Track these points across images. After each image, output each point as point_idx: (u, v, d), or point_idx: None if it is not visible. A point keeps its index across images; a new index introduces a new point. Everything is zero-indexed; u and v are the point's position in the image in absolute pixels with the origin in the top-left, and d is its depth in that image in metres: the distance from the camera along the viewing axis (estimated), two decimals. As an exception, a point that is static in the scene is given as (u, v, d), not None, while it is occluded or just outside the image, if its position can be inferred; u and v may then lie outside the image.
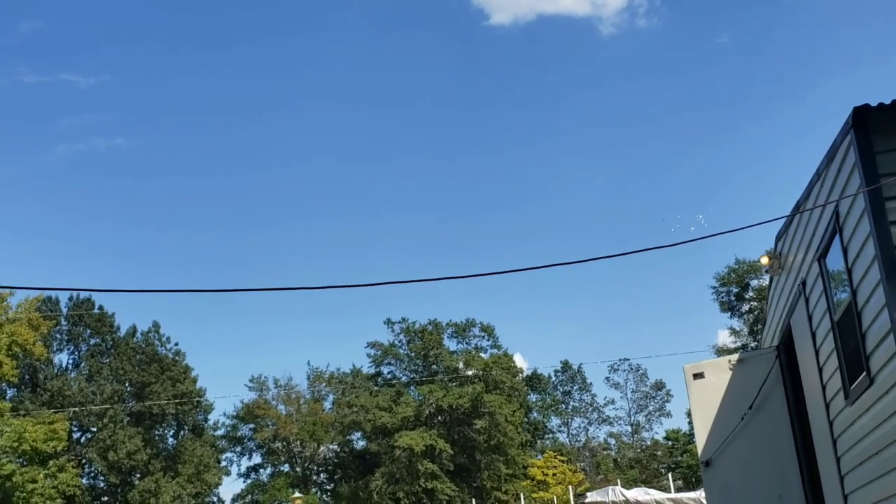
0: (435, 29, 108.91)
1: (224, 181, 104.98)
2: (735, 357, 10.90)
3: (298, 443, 70.01)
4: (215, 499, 67.06)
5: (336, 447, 71.25)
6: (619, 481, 50.93)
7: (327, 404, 72.04)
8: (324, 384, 73.31)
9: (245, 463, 70.65)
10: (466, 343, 71.12)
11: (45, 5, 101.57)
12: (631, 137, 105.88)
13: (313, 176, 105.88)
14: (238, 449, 70.86)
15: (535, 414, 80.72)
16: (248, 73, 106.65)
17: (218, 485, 65.83)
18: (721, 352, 61.82)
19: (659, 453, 78.84)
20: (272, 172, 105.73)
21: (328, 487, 71.50)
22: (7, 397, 54.89)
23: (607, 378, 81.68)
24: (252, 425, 70.11)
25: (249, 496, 68.70)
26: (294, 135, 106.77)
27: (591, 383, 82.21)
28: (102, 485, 63.47)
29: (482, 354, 69.98)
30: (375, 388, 68.61)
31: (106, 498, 64.05)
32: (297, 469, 70.78)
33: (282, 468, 70.79)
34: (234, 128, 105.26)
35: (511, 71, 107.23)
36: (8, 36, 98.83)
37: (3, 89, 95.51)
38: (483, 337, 71.27)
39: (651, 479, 68.71)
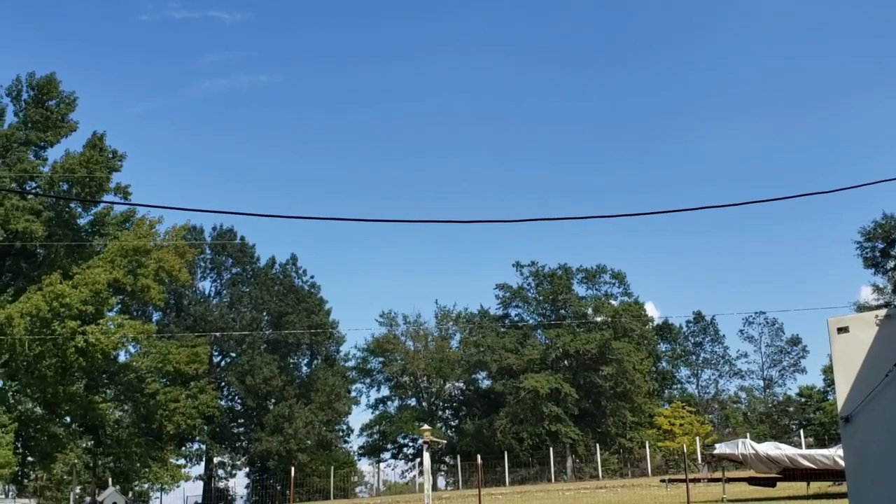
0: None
1: (360, 115, 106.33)
2: (883, 312, 10.47)
3: (425, 378, 71.28)
4: (345, 427, 69.22)
5: (461, 385, 72.26)
6: (748, 435, 50.02)
7: (454, 343, 72.98)
8: (451, 323, 74.17)
9: (374, 395, 72.52)
10: (596, 289, 70.64)
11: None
12: (788, 80, 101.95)
13: (446, 114, 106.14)
14: (367, 381, 72.67)
15: (664, 364, 79.68)
16: (384, 17, 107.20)
17: (348, 414, 67.90)
18: (862, 309, 59.33)
19: (791, 409, 76.88)
20: (406, 108, 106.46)
21: (453, 423, 72.71)
22: (154, 320, 57.72)
23: (741, 331, 79.66)
24: (381, 359, 71.68)
25: (377, 426, 70.52)
26: (427, 75, 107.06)
27: (723, 335, 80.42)
28: (239, 407, 66.37)
29: (612, 301, 69.40)
30: (502, 330, 69.01)
31: (242, 420, 66.94)
32: (424, 404, 72.19)
33: (408, 402, 72.29)
34: (371, 66, 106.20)
35: (656, 12, 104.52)
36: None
37: (154, 24, 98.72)
38: (613, 284, 70.60)
39: (781, 435, 67.12)
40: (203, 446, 63.60)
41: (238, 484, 69.56)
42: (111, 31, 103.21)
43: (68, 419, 45.63)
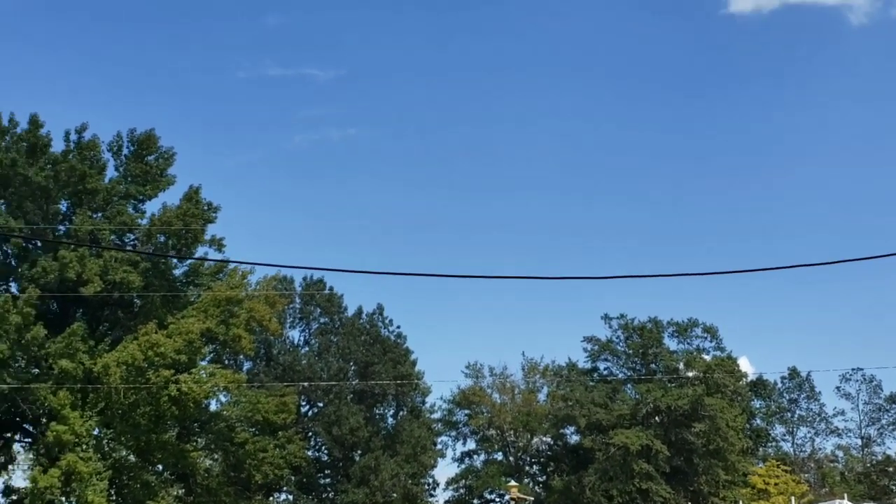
0: (672, 16, 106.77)
1: (446, 167, 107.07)
2: None
3: (512, 432, 70.45)
4: (430, 480, 68.66)
5: (549, 440, 71.15)
6: (845, 496, 48.09)
7: (541, 396, 72.06)
8: (538, 375, 73.33)
9: (459, 448, 71.88)
10: (687, 343, 69.08)
11: (288, 2, 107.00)
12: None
13: (532, 160, 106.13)
14: (453, 433, 72.08)
15: (758, 420, 77.42)
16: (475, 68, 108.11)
17: (433, 467, 67.37)
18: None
19: (890, 469, 73.83)
20: (490, 160, 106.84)
21: (540, 479, 71.54)
22: (244, 369, 58.45)
23: (837, 388, 77.09)
24: (467, 411, 71.14)
25: (463, 481, 69.79)
26: (514, 122, 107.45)
27: (819, 392, 77.88)
28: (326, 458, 66.45)
29: (704, 356, 67.78)
30: (591, 384, 67.90)
31: (329, 471, 66.99)
32: (510, 458, 71.27)
33: (495, 456, 71.47)
34: (458, 121, 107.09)
35: (751, 57, 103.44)
36: (255, 31, 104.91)
37: (250, 81, 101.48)
38: (705, 338, 68.97)
39: (880, 497, 64.49)
40: (290, 497, 63.79)
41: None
42: (209, 88, 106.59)
43: (160, 467, 46.25)
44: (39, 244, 44.72)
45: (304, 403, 64.30)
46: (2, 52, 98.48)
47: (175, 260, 46.57)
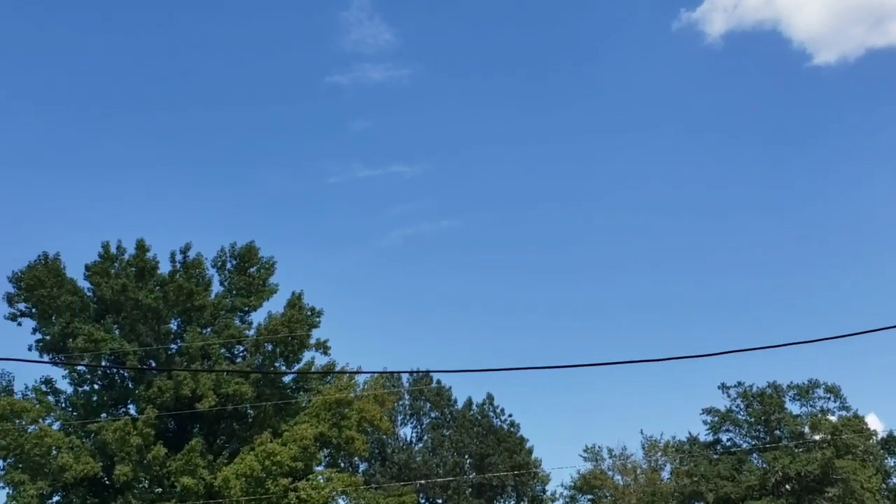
0: (756, 71, 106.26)
1: (540, 254, 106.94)
2: None
3: (638, 513, 68.28)
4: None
5: (677, 518, 68.68)
6: None
7: (665, 474, 69.81)
8: (659, 453, 71.23)
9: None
10: (810, 405, 66.35)
11: (373, 106, 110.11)
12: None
13: (622, 233, 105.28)
14: (577, 521, 70.16)
15: (895, 479, 73.50)
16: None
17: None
18: None
19: None
20: (588, 236, 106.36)
21: (672, 560, 68.87)
22: (360, 471, 58.36)
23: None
24: (590, 496, 69.34)
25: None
26: (601, 194, 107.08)
27: (958, 444, 73.62)
28: (449, 556, 65.32)
29: (830, 417, 64.99)
30: (715, 456, 65.62)
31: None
32: (639, 540, 68.94)
33: (623, 539, 69.21)
34: (551, 200, 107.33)
35: (838, 108, 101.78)
36: (342, 137, 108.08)
37: (341, 185, 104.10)
38: (828, 398, 66.17)
39: None
40: None
41: None
42: (303, 196, 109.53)
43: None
44: (154, 365, 45.99)
45: (422, 501, 63.65)
46: (103, 178, 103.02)
47: (284, 367, 47.27)
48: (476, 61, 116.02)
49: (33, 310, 45.12)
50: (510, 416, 67.44)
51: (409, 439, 68.09)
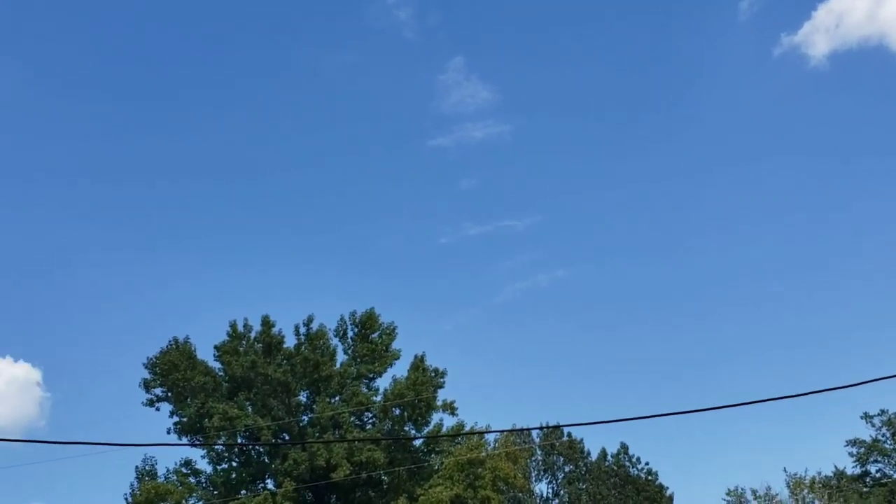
0: (865, 89, 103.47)
1: (655, 302, 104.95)
2: None
3: (790, 555, 65.37)
4: None
5: (834, 557, 65.48)
6: None
7: (814, 511, 66.85)
8: (806, 490, 68.32)
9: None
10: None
11: (477, 164, 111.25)
12: None
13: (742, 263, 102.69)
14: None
15: None
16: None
17: None
18: None
19: None
20: (709, 275, 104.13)
21: None
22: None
23: None
24: (738, 540, 66.85)
25: None
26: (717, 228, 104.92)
27: None
28: None
29: None
30: (865, 489, 62.63)
31: None
32: (795, 585, 65.90)
33: (778, 585, 66.28)
34: (668, 244, 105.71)
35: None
36: (451, 198, 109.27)
37: (452, 245, 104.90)
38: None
39: None
40: None
41: None
42: (416, 259, 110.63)
43: None
44: (288, 438, 46.76)
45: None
46: (220, 254, 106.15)
47: (413, 430, 47.41)
48: (575, 108, 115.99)
49: (169, 393, 46.59)
50: (647, 464, 66.02)
51: (545, 495, 67.18)
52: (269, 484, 46.67)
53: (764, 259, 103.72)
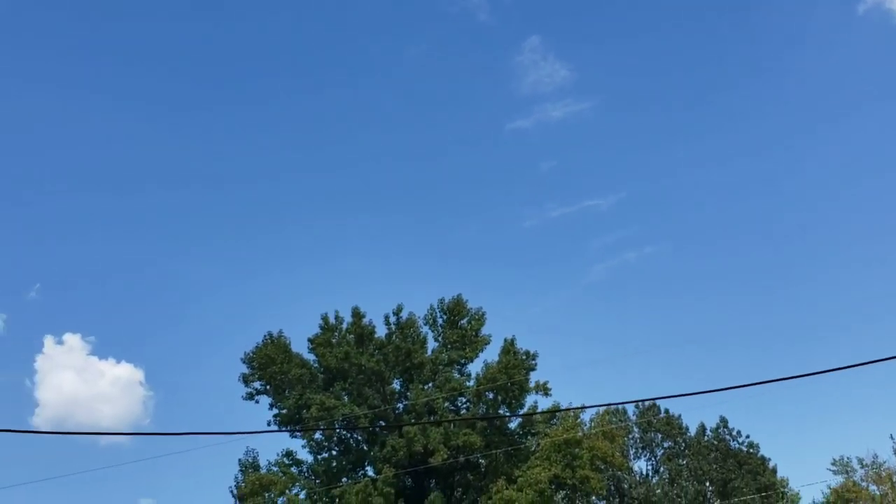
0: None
1: (747, 272, 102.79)
2: None
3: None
4: None
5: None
6: None
7: (926, 479, 64.85)
8: (916, 457, 66.37)
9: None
10: None
11: (558, 144, 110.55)
12: None
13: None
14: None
15: None
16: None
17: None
18: None
19: None
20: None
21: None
22: (600, 510, 57.56)
23: None
24: (848, 512, 65.34)
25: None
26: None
27: None
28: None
29: None
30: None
31: None
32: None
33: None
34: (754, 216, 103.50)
35: None
36: (533, 180, 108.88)
37: (535, 228, 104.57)
38: None
39: None
40: None
41: None
42: (501, 245, 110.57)
43: None
44: (385, 425, 47.45)
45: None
46: (308, 247, 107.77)
47: (508, 412, 47.61)
48: (655, 81, 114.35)
49: (267, 386, 47.73)
50: (747, 437, 64.91)
51: (644, 473, 66.70)
52: (369, 471, 47.47)
53: (851, 224, 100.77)
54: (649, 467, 66.77)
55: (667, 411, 66.37)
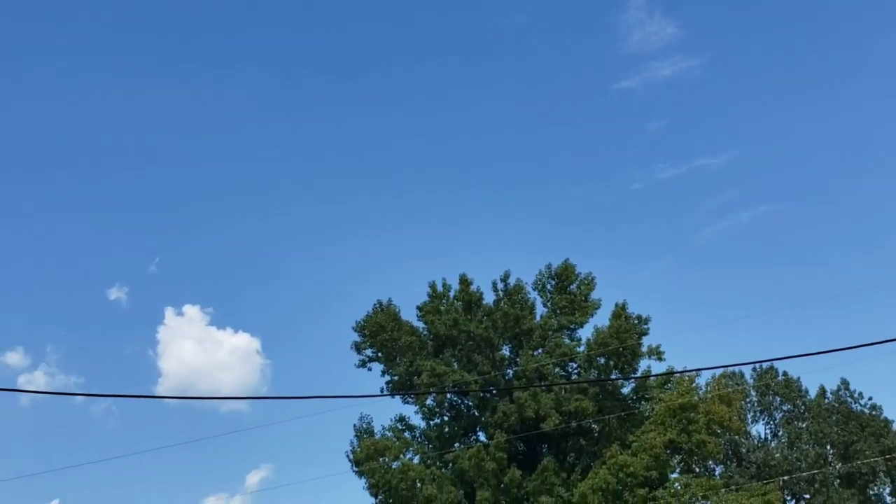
0: None
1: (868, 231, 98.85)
2: None
3: None
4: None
5: None
6: None
7: None
8: None
9: None
10: None
11: (666, 103, 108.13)
12: None
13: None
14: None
15: None
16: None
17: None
18: None
19: None
20: None
21: None
22: (716, 474, 56.55)
23: None
24: None
25: None
26: None
27: None
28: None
29: None
30: None
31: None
32: None
33: None
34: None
35: None
36: (640, 139, 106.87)
37: (644, 190, 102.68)
38: None
39: None
40: None
41: None
42: (608, 208, 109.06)
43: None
44: (495, 391, 47.41)
45: (788, 498, 60.55)
46: (423, 219, 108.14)
47: (621, 378, 46.99)
48: (765, 38, 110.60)
49: (379, 354, 48.20)
50: (870, 398, 62.79)
51: (763, 436, 65.25)
52: (481, 437, 47.57)
53: None
54: (767, 431, 65.31)
55: (785, 374, 64.74)
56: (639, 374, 46.93)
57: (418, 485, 43.95)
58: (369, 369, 48.75)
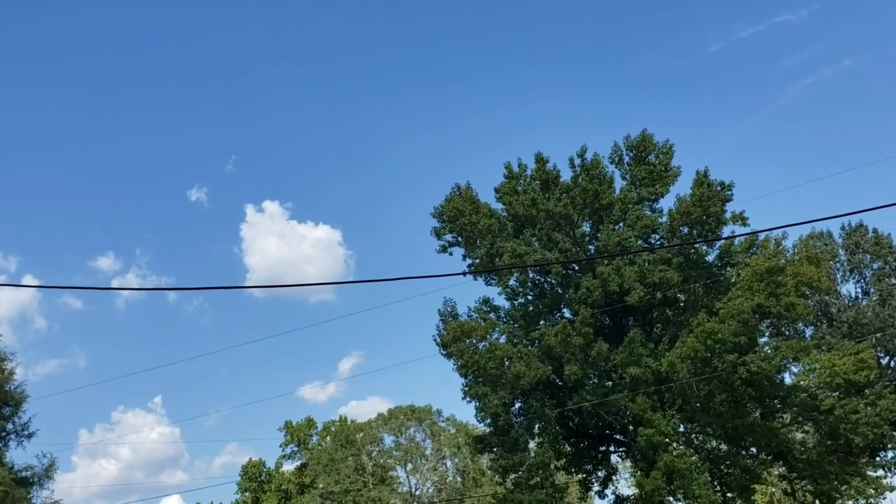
0: None
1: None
2: None
3: None
4: None
5: None
6: None
7: None
8: None
9: None
10: None
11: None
12: None
13: None
14: None
15: None
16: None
17: None
18: None
19: None
20: None
21: None
22: (807, 336, 56.09)
23: None
24: None
25: None
26: None
27: None
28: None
29: None
30: None
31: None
32: None
33: None
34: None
35: None
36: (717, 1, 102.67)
37: (723, 51, 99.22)
38: None
39: None
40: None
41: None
42: (686, 72, 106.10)
43: (754, 450, 45.71)
44: (577, 268, 47.31)
45: (881, 355, 59.84)
46: (495, 99, 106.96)
47: (705, 247, 46.38)
48: None
49: (459, 238, 48.34)
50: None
51: (854, 296, 64.24)
52: (566, 313, 47.73)
53: None
54: (858, 290, 64.23)
55: (875, 231, 63.16)
56: (723, 238, 46.21)
57: (506, 363, 44.53)
58: (450, 254, 48.99)
